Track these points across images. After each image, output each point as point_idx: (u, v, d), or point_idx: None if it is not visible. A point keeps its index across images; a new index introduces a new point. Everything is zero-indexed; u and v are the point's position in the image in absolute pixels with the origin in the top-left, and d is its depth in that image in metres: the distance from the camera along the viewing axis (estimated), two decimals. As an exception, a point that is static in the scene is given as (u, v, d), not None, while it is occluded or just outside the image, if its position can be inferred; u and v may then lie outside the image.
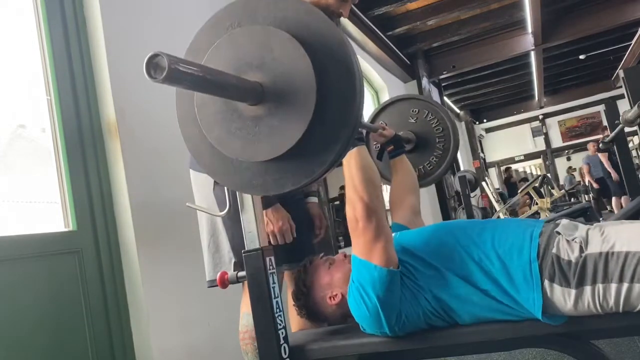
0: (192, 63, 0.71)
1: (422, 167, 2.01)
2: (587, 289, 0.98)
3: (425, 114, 2.01)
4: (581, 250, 1.01)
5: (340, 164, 1.16)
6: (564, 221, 1.11)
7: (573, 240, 1.03)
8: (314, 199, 1.72)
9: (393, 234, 1.30)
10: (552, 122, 14.67)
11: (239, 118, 0.83)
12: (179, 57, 0.70)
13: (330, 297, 1.27)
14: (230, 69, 0.83)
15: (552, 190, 7.85)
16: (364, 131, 1.88)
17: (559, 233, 1.06)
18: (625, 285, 0.95)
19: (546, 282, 1.01)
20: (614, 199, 7.95)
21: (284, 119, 0.80)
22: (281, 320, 1.13)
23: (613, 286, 0.96)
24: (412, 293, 1.11)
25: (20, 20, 1.94)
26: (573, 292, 0.99)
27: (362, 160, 1.14)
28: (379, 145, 1.79)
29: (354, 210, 1.11)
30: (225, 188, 1.26)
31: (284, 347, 1.12)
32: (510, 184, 11.29)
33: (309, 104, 0.78)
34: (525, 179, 11.11)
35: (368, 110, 2.20)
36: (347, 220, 1.14)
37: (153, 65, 0.64)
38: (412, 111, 2.02)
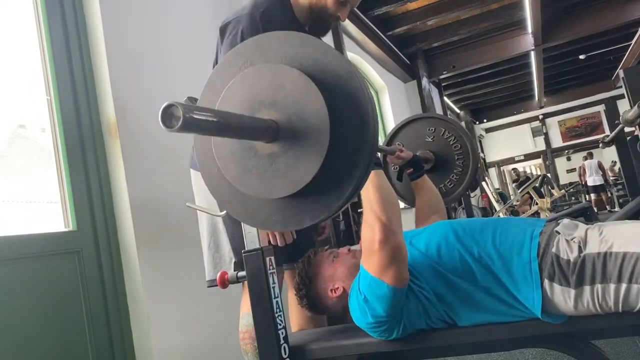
0: (206, 109, 0.71)
1: (442, 186, 2.00)
2: (587, 288, 0.98)
3: (442, 132, 2.00)
4: (580, 250, 1.01)
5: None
6: (565, 220, 1.12)
7: (572, 239, 1.04)
8: None
9: None
10: (552, 122, 14.68)
11: (255, 156, 0.83)
12: (193, 104, 0.70)
13: (331, 290, 1.27)
14: (244, 108, 0.83)
15: (552, 190, 7.85)
16: (381, 155, 1.86)
17: (558, 232, 1.06)
18: (623, 286, 0.95)
19: (546, 282, 1.02)
20: None
21: (299, 156, 0.80)
22: (281, 320, 1.13)
23: (612, 286, 0.96)
24: (415, 295, 1.11)
25: (20, 20, 1.94)
26: (573, 291, 0.99)
27: (379, 182, 1.12)
28: (397, 167, 1.78)
29: (371, 231, 1.08)
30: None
31: (284, 347, 1.12)
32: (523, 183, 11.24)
33: (322, 139, 0.78)
34: (527, 178, 11.10)
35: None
36: (362, 240, 1.11)
37: (168, 115, 0.64)
38: (429, 130, 2.01)
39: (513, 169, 13.28)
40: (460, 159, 1.98)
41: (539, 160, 15.52)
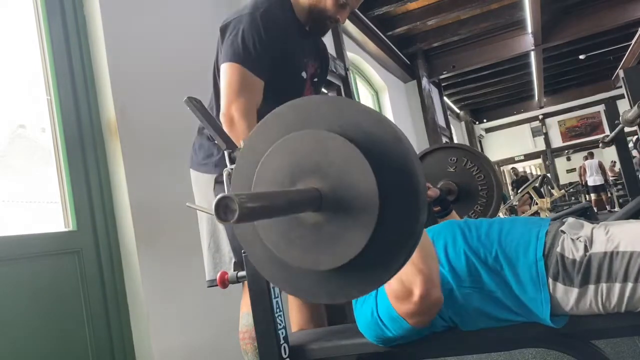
0: (257, 196, 0.67)
1: (466, 217, 1.97)
2: (591, 287, 0.98)
3: (465, 162, 1.96)
4: (586, 249, 1.01)
5: None
6: (570, 219, 1.11)
7: (578, 239, 1.03)
8: None
9: None
10: (552, 122, 14.69)
11: (299, 226, 0.79)
12: (244, 192, 0.66)
13: None
14: (285, 176, 0.80)
15: (552, 190, 7.85)
16: None
17: (563, 232, 1.06)
18: (629, 285, 0.95)
19: (550, 281, 1.01)
20: None
21: (346, 227, 0.75)
22: (281, 320, 1.13)
23: (617, 286, 0.96)
24: None
25: (20, 20, 1.94)
26: (576, 290, 0.99)
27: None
28: None
29: (410, 283, 1.02)
30: (225, 187, 1.26)
31: (284, 347, 1.12)
32: (518, 182, 11.22)
33: (371, 210, 0.73)
34: (525, 179, 11.08)
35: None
36: (396, 286, 1.06)
37: (222, 207, 0.62)
38: (450, 160, 1.98)
39: (512, 168, 13.23)
40: (484, 189, 1.93)
41: (539, 160, 15.53)
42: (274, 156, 0.82)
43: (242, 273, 1.16)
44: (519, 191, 7.46)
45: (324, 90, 4.48)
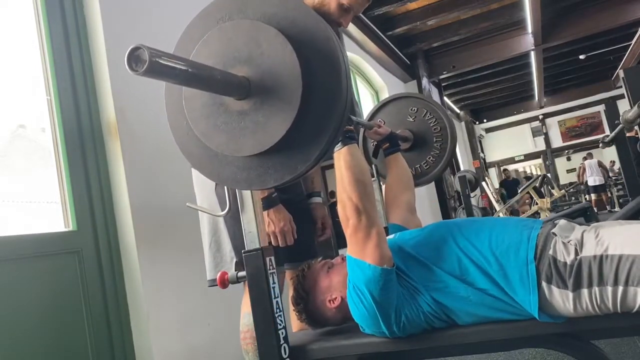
0: (174, 57, 0.71)
1: (418, 166, 2.00)
2: (584, 291, 0.98)
3: (424, 113, 2.00)
4: (576, 252, 1.01)
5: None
6: (562, 222, 1.11)
7: (568, 242, 1.03)
8: (318, 200, 1.72)
9: (392, 236, 1.30)
10: (552, 122, 14.68)
11: (225, 112, 0.83)
12: (162, 50, 0.70)
13: (329, 301, 1.25)
14: (218, 62, 0.83)
15: (552, 190, 7.86)
16: (362, 130, 1.87)
17: (555, 234, 1.06)
18: (620, 288, 0.95)
19: (544, 284, 1.01)
20: None
21: (270, 115, 0.80)
22: (281, 320, 1.13)
23: (609, 289, 0.96)
24: (411, 294, 1.11)
25: (20, 20, 1.94)
26: (571, 294, 0.99)
27: (351, 159, 1.12)
28: (375, 143, 1.78)
29: (344, 209, 1.11)
30: (225, 187, 1.26)
31: (284, 347, 1.12)
32: (508, 183, 11.24)
33: (294, 101, 0.78)
34: (517, 182, 11.09)
35: (368, 109, 2.20)
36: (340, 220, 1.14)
37: (134, 57, 0.64)
38: (411, 110, 2.02)
39: (504, 169, 13.05)
40: (438, 141, 1.98)
41: (539, 160, 15.52)
42: (210, 42, 0.85)
43: (242, 273, 1.16)
44: (519, 191, 7.47)
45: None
